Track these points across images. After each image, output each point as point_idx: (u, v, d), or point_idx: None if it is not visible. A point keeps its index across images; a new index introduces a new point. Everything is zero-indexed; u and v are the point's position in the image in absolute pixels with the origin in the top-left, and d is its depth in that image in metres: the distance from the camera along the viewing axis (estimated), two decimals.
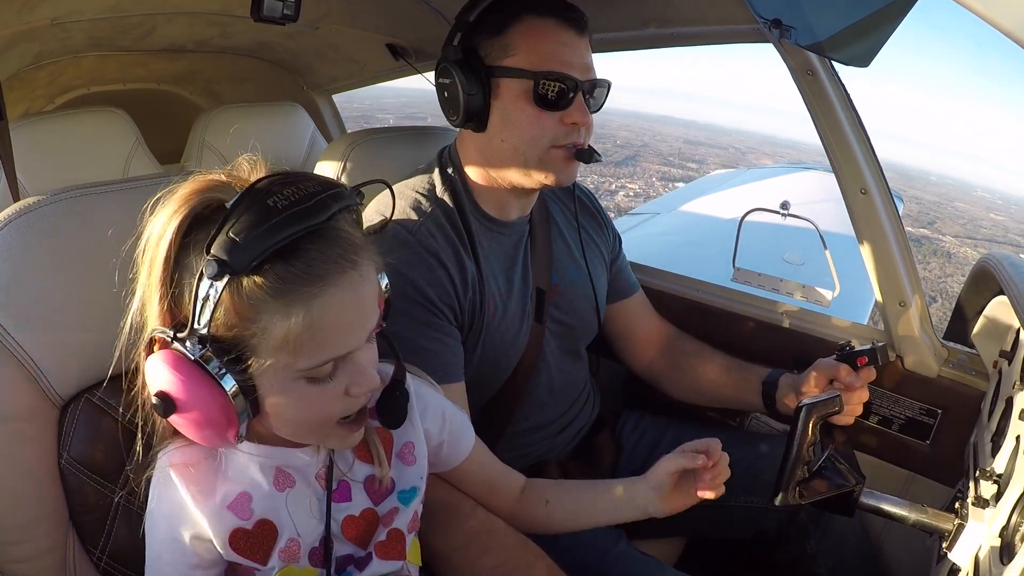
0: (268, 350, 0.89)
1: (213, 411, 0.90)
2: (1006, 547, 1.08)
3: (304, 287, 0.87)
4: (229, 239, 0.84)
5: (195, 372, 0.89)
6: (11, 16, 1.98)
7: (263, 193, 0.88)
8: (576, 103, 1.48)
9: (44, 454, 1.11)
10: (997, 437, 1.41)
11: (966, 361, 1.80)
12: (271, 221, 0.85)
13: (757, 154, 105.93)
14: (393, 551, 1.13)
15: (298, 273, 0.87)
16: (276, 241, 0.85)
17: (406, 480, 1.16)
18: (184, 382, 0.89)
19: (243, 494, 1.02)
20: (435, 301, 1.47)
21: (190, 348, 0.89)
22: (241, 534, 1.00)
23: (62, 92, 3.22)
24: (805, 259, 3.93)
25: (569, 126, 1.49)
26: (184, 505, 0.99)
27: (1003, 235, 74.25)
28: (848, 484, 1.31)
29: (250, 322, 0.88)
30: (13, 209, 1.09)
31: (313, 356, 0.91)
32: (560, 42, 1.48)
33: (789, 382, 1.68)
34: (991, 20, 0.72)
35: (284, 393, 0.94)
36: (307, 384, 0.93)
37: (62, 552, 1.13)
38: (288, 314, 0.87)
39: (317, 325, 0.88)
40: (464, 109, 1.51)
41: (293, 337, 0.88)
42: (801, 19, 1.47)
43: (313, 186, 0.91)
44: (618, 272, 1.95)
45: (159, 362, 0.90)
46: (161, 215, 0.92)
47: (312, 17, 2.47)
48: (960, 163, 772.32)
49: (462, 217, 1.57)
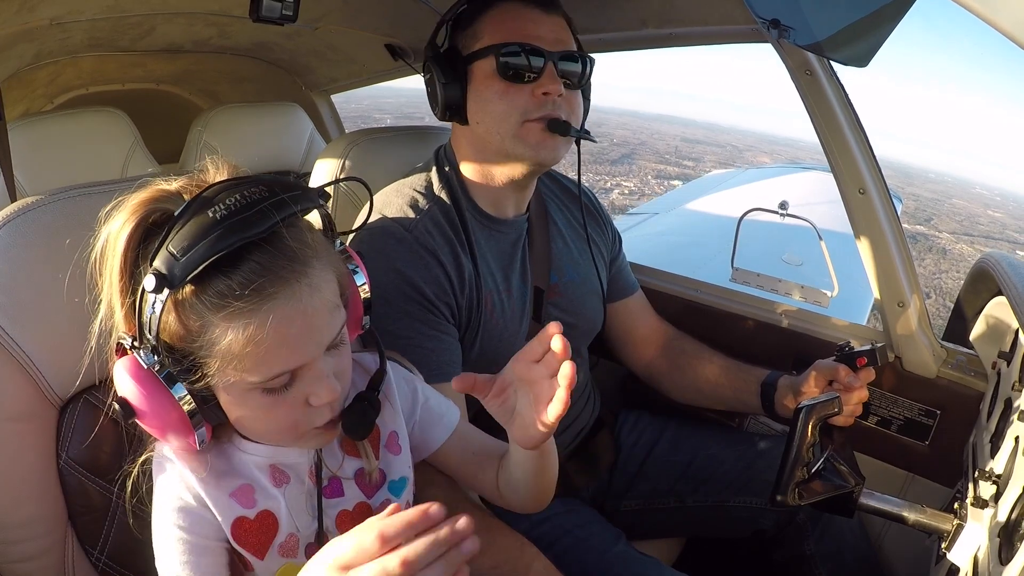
0: (217, 363, 0.88)
1: (167, 418, 0.91)
2: (1005, 547, 1.08)
3: (243, 302, 0.85)
4: (168, 253, 0.84)
5: (148, 380, 0.90)
6: (10, 16, 1.98)
7: (205, 203, 0.86)
8: (546, 73, 1.49)
9: (43, 454, 1.11)
10: (996, 438, 1.41)
11: (965, 362, 1.80)
12: (209, 234, 0.84)
13: (755, 152, 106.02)
14: None
15: (236, 287, 0.85)
16: (211, 254, 0.83)
17: (395, 470, 1.16)
18: (138, 390, 0.90)
19: (246, 485, 1.02)
20: (432, 299, 1.47)
21: (144, 357, 0.90)
22: (244, 523, 1.00)
23: (61, 92, 3.23)
24: (804, 259, 3.93)
25: (540, 97, 1.48)
26: (191, 484, 0.98)
27: (1000, 231, 74.40)
28: (848, 485, 1.31)
29: (196, 335, 0.88)
30: (11, 209, 1.09)
31: (261, 370, 0.89)
32: (524, 18, 1.51)
33: (788, 383, 1.68)
34: (990, 20, 0.72)
35: (243, 404, 0.94)
36: (263, 395, 0.92)
37: (61, 552, 1.13)
38: (229, 329, 0.86)
39: (260, 340, 0.86)
40: (442, 101, 1.54)
41: (237, 352, 0.87)
42: (800, 19, 1.47)
43: (259, 193, 0.88)
44: (618, 272, 1.95)
45: (120, 368, 0.91)
46: (115, 222, 0.91)
47: (311, 17, 2.47)
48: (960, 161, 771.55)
49: (459, 215, 1.57)
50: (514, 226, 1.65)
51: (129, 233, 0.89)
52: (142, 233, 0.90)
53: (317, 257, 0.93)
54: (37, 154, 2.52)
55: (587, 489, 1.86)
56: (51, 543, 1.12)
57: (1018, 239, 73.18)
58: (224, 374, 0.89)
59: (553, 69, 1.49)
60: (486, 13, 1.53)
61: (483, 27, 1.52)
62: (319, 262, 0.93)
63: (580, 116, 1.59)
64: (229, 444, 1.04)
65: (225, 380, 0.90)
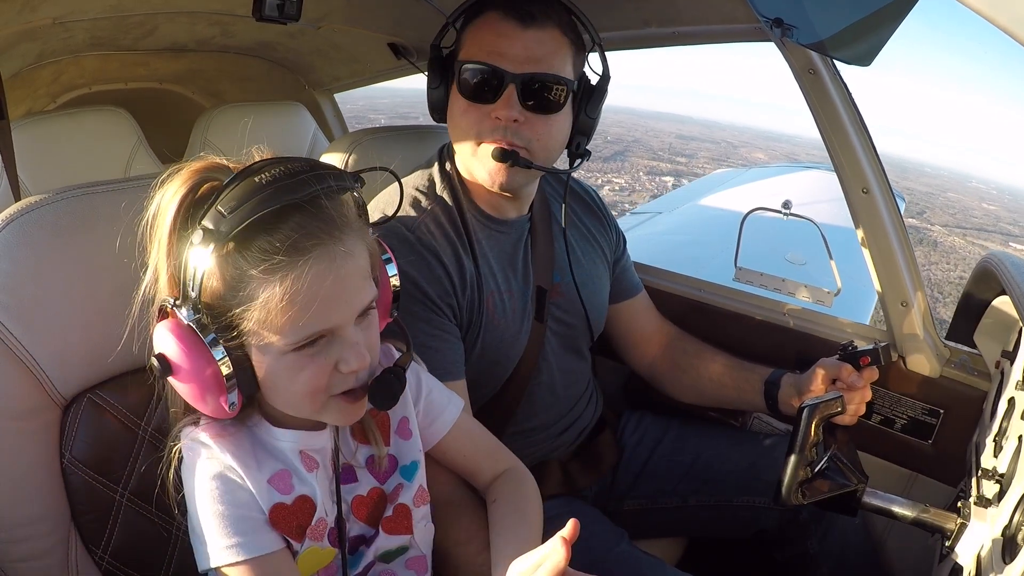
0: (254, 320, 0.93)
1: (204, 375, 0.94)
2: (1008, 546, 1.07)
3: (282, 257, 0.91)
4: (217, 211, 0.90)
5: (188, 337, 0.94)
6: (13, 15, 1.98)
7: (253, 172, 0.93)
8: (502, 97, 1.44)
9: (46, 453, 1.11)
10: (999, 437, 1.41)
11: (968, 361, 1.80)
12: (255, 195, 0.90)
13: (750, 148, 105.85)
14: (400, 526, 1.16)
15: (277, 244, 0.91)
16: (256, 212, 0.89)
17: (406, 455, 1.19)
18: (178, 345, 0.93)
19: (283, 471, 1.05)
20: (434, 299, 1.47)
21: (185, 314, 0.94)
22: (282, 509, 1.03)
23: (64, 91, 3.22)
24: (807, 258, 3.93)
25: (495, 120, 1.45)
26: (232, 467, 1.01)
27: (993, 224, 74.43)
28: (851, 484, 1.31)
29: (235, 291, 0.93)
30: (15, 208, 1.09)
31: (296, 328, 0.93)
32: (496, 33, 1.45)
33: (791, 382, 1.68)
34: (991, 18, 0.72)
35: (274, 364, 0.97)
36: (296, 356, 0.96)
37: (64, 551, 1.13)
38: (267, 283, 0.91)
39: (295, 296, 0.91)
40: (429, 102, 1.56)
41: (274, 307, 0.91)
42: (803, 18, 1.47)
43: (301, 166, 0.95)
44: (622, 272, 1.94)
45: (161, 327, 0.96)
46: (166, 191, 0.97)
47: (314, 16, 2.47)
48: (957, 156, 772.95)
49: (461, 215, 1.56)
50: (515, 226, 1.65)
51: (182, 197, 0.95)
52: (193, 199, 0.96)
53: (352, 228, 0.99)
54: (40, 153, 2.52)
55: (590, 489, 1.86)
56: (54, 542, 1.12)
57: (1011, 231, 73.15)
58: (259, 334, 0.94)
59: (514, 92, 1.43)
60: (474, 20, 1.50)
61: (468, 35, 1.51)
62: (354, 233, 0.99)
63: (550, 142, 1.51)
64: (260, 430, 1.06)
65: (260, 341, 0.95)
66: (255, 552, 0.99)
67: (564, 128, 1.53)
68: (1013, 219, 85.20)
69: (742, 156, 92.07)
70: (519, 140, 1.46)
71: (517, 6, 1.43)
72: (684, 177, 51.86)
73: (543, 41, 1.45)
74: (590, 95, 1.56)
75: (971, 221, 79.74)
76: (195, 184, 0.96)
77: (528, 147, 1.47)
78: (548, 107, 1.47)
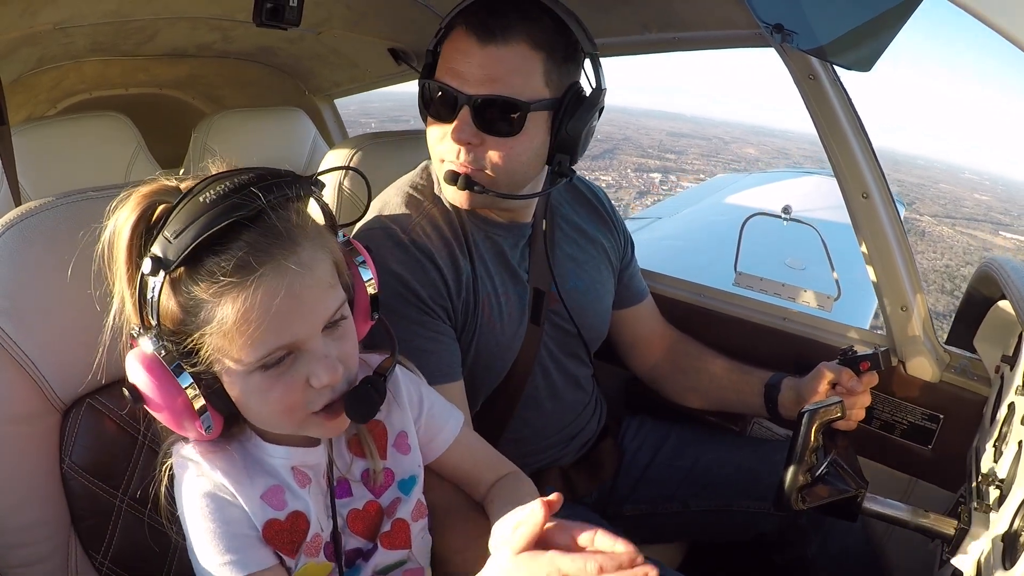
0: (214, 343, 0.91)
1: (175, 404, 0.94)
2: (1009, 551, 1.07)
3: (232, 277, 0.89)
4: (163, 238, 0.89)
5: (154, 366, 0.93)
6: (14, 20, 1.99)
7: (197, 191, 0.92)
8: (459, 118, 1.38)
9: (46, 458, 1.11)
10: (999, 442, 1.41)
11: (968, 366, 1.80)
12: (199, 216, 0.88)
13: (741, 144, 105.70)
14: (398, 541, 1.15)
15: (224, 265, 0.89)
16: (201, 234, 0.87)
17: (404, 469, 1.17)
18: (145, 376, 0.93)
19: (276, 487, 1.04)
20: (427, 301, 1.46)
21: (149, 343, 0.93)
22: (275, 525, 1.02)
23: (64, 97, 3.23)
24: (807, 263, 3.93)
25: (452, 142, 1.40)
26: (223, 484, 1.00)
27: (984, 214, 74.60)
28: (851, 489, 1.31)
29: (192, 315, 0.92)
30: (15, 213, 1.09)
31: (254, 347, 0.92)
32: (456, 49, 1.39)
33: (791, 385, 1.68)
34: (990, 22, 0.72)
35: (244, 384, 0.96)
36: (263, 376, 0.95)
37: (64, 556, 1.13)
38: (219, 306, 0.90)
39: (248, 315, 0.89)
40: (420, 111, 1.52)
41: (229, 328, 0.90)
42: (803, 23, 1.47)
43: (248, 179, 0.93)
44: (630, 279, 1.92)
45: (130, 356, 0.95)
46: (118, 217, 0.96)
47: (314, 22, 2.47)
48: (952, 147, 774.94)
49: (459, 216, 1.55)
50: (514, 230, 1.64)
51: (133, 224, 0.94)
52: (146, 224, 0.95)
53: (307, 237, 0.96)
54: (40, 159, 2.52)
55: (590, 495, 1.86)
56: (54, 547, 1.12)
57: (1002, 220, 73.28)
58: (221, 354, 0.92)
59: (468, 114, 1.37)
60: (448, 33, 1.43)
61: (440, 48, 1.45)
62: (309, 242, 0.96)
63: (511, 166, 1.42)
64: (252, 445, 1.06)
65: (224, 363, 0.93)
66: (250, 569, 0.98)
67: (528, 149, 1.42)
68: (1005, 208, 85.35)
69: (733, 152, 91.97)
70: (475, 164, 1.41)
71: (480, 21, 1.36)
72: (672, 173, 51.92)
73: (503, 59, 1.36)
74: (574, 110, 1.44)
75: (961, 211, 79.86)
76: (145, 209, 0.95)
77: (487, 170, 1.42)
78: (504, 130, 1.38)
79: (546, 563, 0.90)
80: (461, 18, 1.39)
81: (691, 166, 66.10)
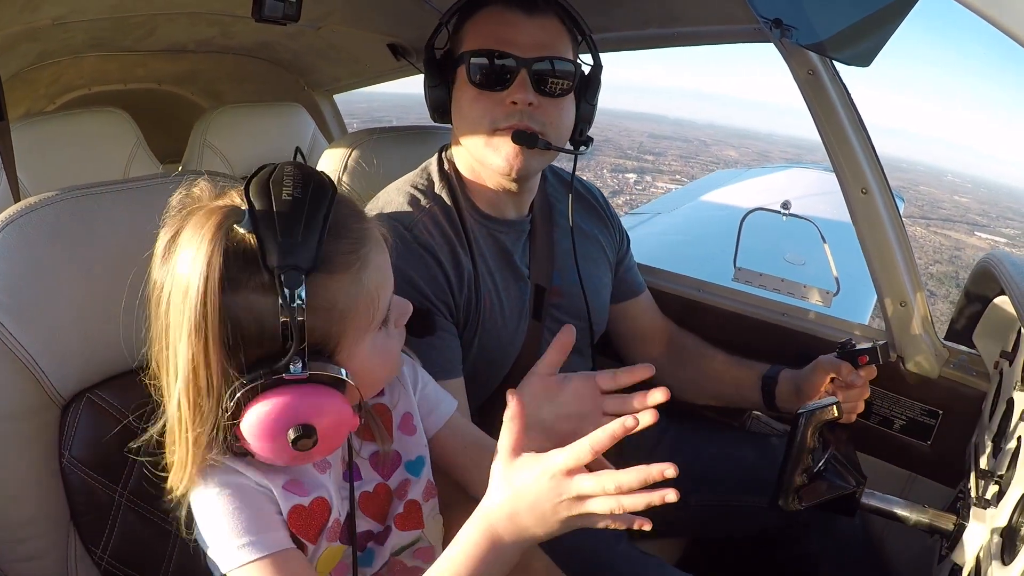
0: (354, 325, 0.94)
1: (342, 411, 0.92)
2: (1008, 547, 1.08)
3: (360, 250, 0.93)
4: (283, 244, 0.84)
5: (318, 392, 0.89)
6: (13, 16, 1.99)
7: (267, 192, 0.87)
8: (516, 81, 1.46)
9: (45, 453, 1.11)
10: (998, 438, 1.41)
11: (967, 362, 1.80)
12: (304, 210, 0.87)
13: (722, 146, 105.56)
14: (411, 522, 1.14)
15: (350, 243, 0.92)
16: (321, 224, 0.87)
17: (411, 450, 1.17)
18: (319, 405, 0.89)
19: (294, 479, 1.02)
20: (430, 297, 1.47)
21: (296, 371, 0.87)
22: (300, 511, 1.00)
23: (63, 92, 3.23)
24: (806, 259, 3.93)
25: (510, 106, 1.47)
26: (247, 474, 0.97)
27: (961, 215, 74.76)
28: (849, 485, 1.31)
29: (331, 310, 0.91)
30: (14, 209, 1.09)
31: (383, 304, 0.98)
32: (502, 22, 1.48)
33: (789, 377, 1.69)
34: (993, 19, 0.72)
35: (367, 348, 0.98)
36: (379, 331, 0.99)
37: (63, 551, 1.13)
38: (360, 281, 0.92)
39: (378, 276, 0.95)
40: (432, 102, 1.57)
41: (370, 297, 0.94)
42: (802, 19, 1.47)
43: (292, 169, 0.92)
44: (626, 272, 1.94)
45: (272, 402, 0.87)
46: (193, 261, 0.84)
47: (313, 17, 2.47)
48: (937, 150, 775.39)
49: (459, 214, 1.56)
50: (515, 226, 1.65)
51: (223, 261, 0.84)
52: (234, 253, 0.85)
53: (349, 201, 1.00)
54: (40, 154, 2.52)
55: None
56: (53, 542, 1.12)
57: (979, 221, 73.37)
58: (361, 329, 0.95)
59: (526, 76, 1.46)
60: (472, 16, 1.52)
61: (467, 30, 1.52)
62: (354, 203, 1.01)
63: (561, 126, 1.54)
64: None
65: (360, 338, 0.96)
66: (269, 549, 0.93)
67: (571, 111, 1.57)
68: (983, 210, 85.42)
69: (713, 154, 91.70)
70: (535, 124, 1.48)
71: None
72: (648, 174, 52.15)
73: (547, 28, 1.49)
74: (587, 84, 1.60)
75: (938, 212, 79.97)
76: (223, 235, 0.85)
77: (543, 131, 1.49)
78: (558, 91, 1.50)
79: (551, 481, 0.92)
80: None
81: (668, 167, 66.04)
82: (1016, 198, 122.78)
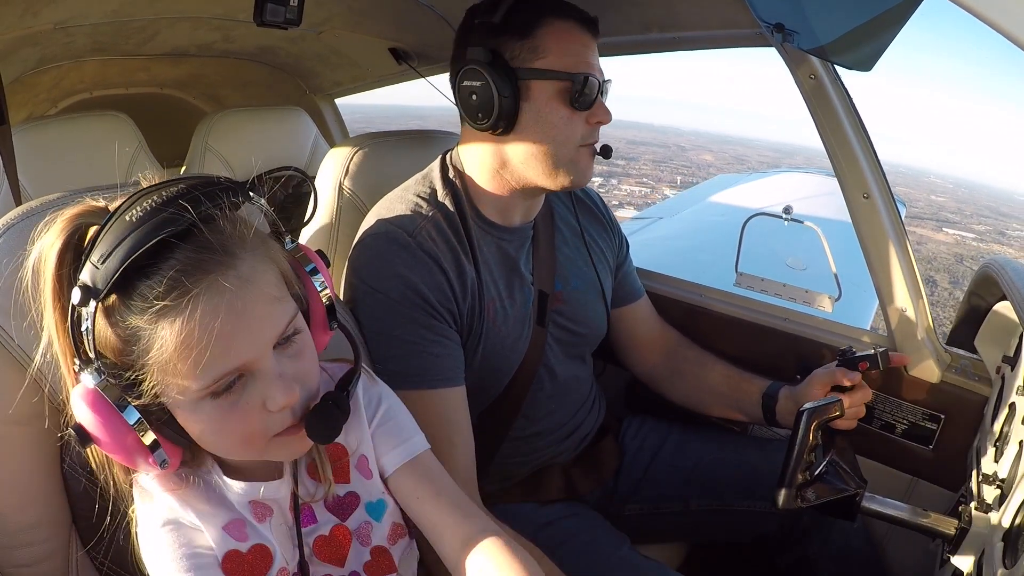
0: (156, 373, 0.85)
1: (124, 441, 0.87)
2: (1009, 551, 1.07)
3: (166, 300, 0.81)
4: (91, 264, 0.82)
5: (98, 403, 0.85)
6: (14, 20, 1.99)
7: (124, 209, 0.84)
8: (599, 103, 1.53)
9: (47, 458, 1.10)
10: (1000, 442, 1.41)
11: (969, 366, 1.80)
12: (124, 237, 0.81)
13: (699, 150, 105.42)
14: (382, 567, 1.10)
15: (156, 286, 0.82)
16: (128, 256, 0.80)
17: (370, 493, 1.10)
18: (90, 415, 0.86)
19: (238, 520, 0.98)
20: (435, 304, 1.46)
21: (89, 379, 0.85)
22: (236, 556, 0.96)
23: (65, 96, 3.24)
24: (808, 263, 3.93)
25: (594, 125, 1.53)
26: (184, 512, 0.95)
27: (933, 213, 75.11)
28: (850, 488, 1.31)
29: (131, 345, 0.84)
30: (16, 213, 1.09)
31: (202, 374, 0.84)
32: (584, 44, 1.51)
33: (788, 394, 1.69)
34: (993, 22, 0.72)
35: (196, 414, 0.89)
36: (214, 404, 0.88)
37: (64, 556, 1.13)
38: (157, 332, 0.82)
39: (188, 340, 0.82)
40: (498, 111, 1.46)
41: (170, 355, 0.82)
42: (804, 23, 1.47)
43: (177, 191, 0.85)
44: (624, 277, 1.95)
45: (74, 394, 0.87)
46: (42, 244, 0.88)
47: (315, 21, 2.48)
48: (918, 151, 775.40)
49: (463, 221, 1.56)
50: (518, 233, 1.65)
51: (59, 250, 0.86)
52: (73, 250, 0.87)
53: (246, 249, 0.89)
54: (41, 158, 2.53)
55: (591, 494, 1.86)
56: (55, 547, 1.12)
57: (950, 218, 73.48)
58: (167, 384, 0.85)
59: (602, 98, 1.54)
60: (546, 27, 1.47)
61: (546, 43, 1.47)
62: (250, 254, 0.89)
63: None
64: (213, 477, 1.00)
65: (171, 393, 0.86)
66: None
67: None
68: (958, 208, 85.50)
69: (689, 159, 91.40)
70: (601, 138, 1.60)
71: (592, 18, 1.54)
72: (614, 177, 52.89)
73: (594, 50, 1.56)
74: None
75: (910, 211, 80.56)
76: (72, 233, 0.87)
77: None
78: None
79: None
80: (571, 15, 1.51)
81: (637, 171, 66.22)
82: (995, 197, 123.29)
